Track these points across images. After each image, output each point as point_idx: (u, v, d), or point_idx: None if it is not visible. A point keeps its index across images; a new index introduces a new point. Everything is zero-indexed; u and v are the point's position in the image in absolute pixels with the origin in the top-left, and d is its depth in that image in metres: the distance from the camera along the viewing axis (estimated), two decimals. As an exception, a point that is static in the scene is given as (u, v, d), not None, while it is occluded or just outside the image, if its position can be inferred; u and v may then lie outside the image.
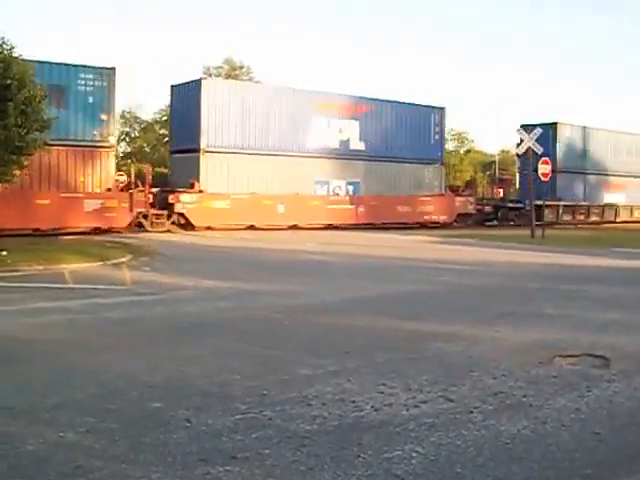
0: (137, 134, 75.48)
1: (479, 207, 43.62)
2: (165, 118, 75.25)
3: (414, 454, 5.01)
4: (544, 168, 31.92)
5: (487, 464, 4.90)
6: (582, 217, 48.33)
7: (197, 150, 33.20)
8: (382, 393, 6.48)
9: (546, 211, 41.23)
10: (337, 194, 37.93)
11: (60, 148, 27.32)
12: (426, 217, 40.22)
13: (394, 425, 5.61)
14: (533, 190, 32.60)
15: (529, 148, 32.38)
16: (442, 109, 42.23)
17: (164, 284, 13.99)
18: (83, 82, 28.80)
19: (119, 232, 27.98)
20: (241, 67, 70.05)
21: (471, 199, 43.02)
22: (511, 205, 46.06)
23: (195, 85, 34.27)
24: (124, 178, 35.64)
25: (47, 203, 27.31)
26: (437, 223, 40.08)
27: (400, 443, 5.21)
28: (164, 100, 62.48)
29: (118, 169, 45.79)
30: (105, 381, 6.87)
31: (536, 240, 29.51)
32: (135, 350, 8.37)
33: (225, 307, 11.58)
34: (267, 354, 8.22)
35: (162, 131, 75.30)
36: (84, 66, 29.02)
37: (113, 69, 29.64)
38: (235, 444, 5.14)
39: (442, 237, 30.73)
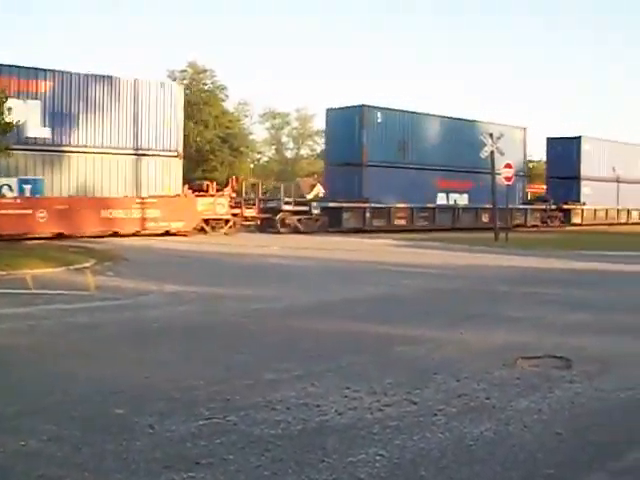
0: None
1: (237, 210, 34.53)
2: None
3: (378, 457, 5.02)
4: (507, 172, 32.17)
5: (450, 466, 4.94)
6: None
7: None
8: (346, 397, 6.50)
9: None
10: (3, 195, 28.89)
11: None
12: (150, 224, 30.49)
13: (358, 429, 5.62)
14: (495, 193, 32.77)
15: (492, 152, 32.68)
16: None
17: (128, 289, 13.90)
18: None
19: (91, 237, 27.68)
20: (205, 71, 69.91)
21: (224, 200, 33.86)
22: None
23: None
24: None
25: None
26: (170, 233, 30.98)
27: (364, 446, 5.22)
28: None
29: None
30: (68, 388, 6.82)
31: (500, 243, 29.73)
32: (99, 356, 8.30)
33: (190, 312, 11.54)
34: (232, 359, 8.19)
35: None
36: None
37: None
38: (199, 450, 5.13)
39: (407, 240, 30.84)
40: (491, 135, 33.43)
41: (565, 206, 51.54)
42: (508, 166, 32.46)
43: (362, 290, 14.61)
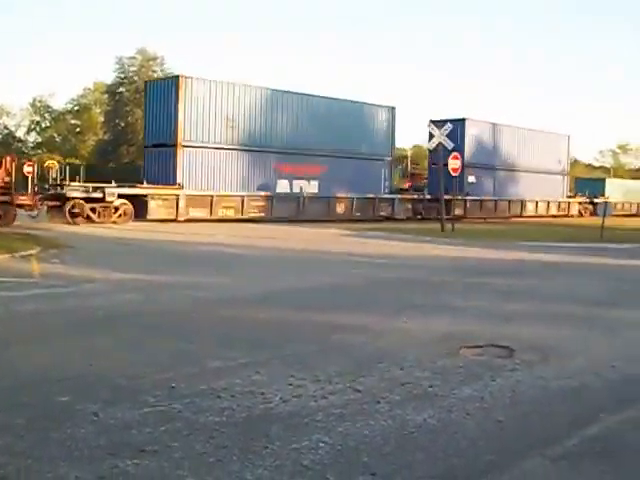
0: (48, 124, 74.11)
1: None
2: (77, 108, 74.34)
3: (321, 444, 5.08)
4: (454, 163, 32.40)
5: (393, 453, 5.01)
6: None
7: None
8: (291, 385, 6.54)
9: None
10: None
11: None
12: None
13: (302, 416, 5.67)
14: (442, 184, 32.99)
15: (440, 143, 32.91)
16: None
17: (73, 277, 13.77)
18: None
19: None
20: (155, 58, 69.38)
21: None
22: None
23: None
24: (32, 169, 34.79)
25: None
26: None
27: (308, 434, 5.28)
28: (77, 90, 61.43)
29: (28, 159, 44.55)
30: (12, 375, 6.77)
31: (446, 234, 29.99)
32: (43, 343, 8.24)
33: (135, 300, 11.48)
34: (177, 347, 8.18)
35: (74, 121, 74.22)
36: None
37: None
38: (144, 437, 5.13)
39: (354, 230, 30.95)
40: (439, 127, 33.60)
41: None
42: (455, 157, 32.62)
43: (308, 279, 14.67)
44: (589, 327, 10.15)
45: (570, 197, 59.23)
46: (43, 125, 74.21)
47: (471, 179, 46.31)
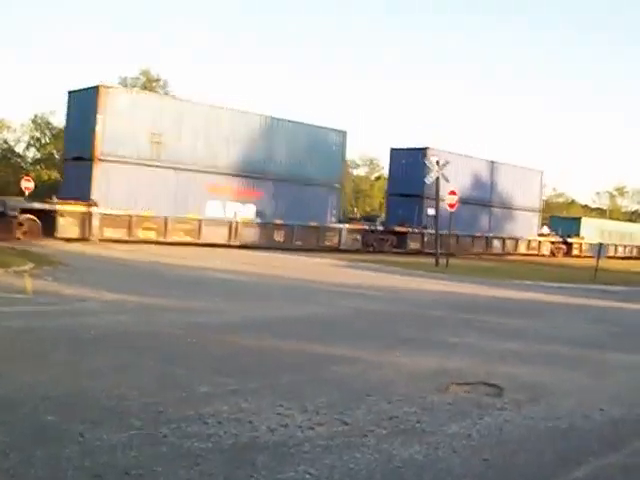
0: (47, 140, 74.16)
1: None
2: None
3: (307, 476, 5.06)
4: (451, 199, 32.48)
5: (378, 487, 4.99)
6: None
7: None
8: (279, 414, 6.52)
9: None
10: None
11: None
12: None
13: (289, 446, 5.65)
14: (437, 219, 33.08)
15: (438, 178, 33.06)
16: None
17: (66, 295, 13.75)
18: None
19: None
20: (158, 79, 69.61)
21: None
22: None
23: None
24: (31, 184, 34.77)
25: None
26: None
27: (294, 464, 5.26)
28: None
29: (26, 174, 44.47)
30: (-1, 392, 6.75)
31: (440, 269, 30.00)
32: (33, 361, 8.21)
33: (128, 321, 11.45)
34: (167, 371, 8.16)
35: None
36: None
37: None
38: (129, 460, 5.11)
39: (349, 261, 30.95)
40: (437, 162, 33.74)
41: (398, 228, 43.97)
42: (452, 193, 32.66)
43: (302, 309, 14.66)
44: (579, 368, 10.16)
45: (542, 235, 57.55)
46: (43, 141, 74.21)
47: (431, 212, 42.13)
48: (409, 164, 45.29)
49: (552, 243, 57.60)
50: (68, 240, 29.63)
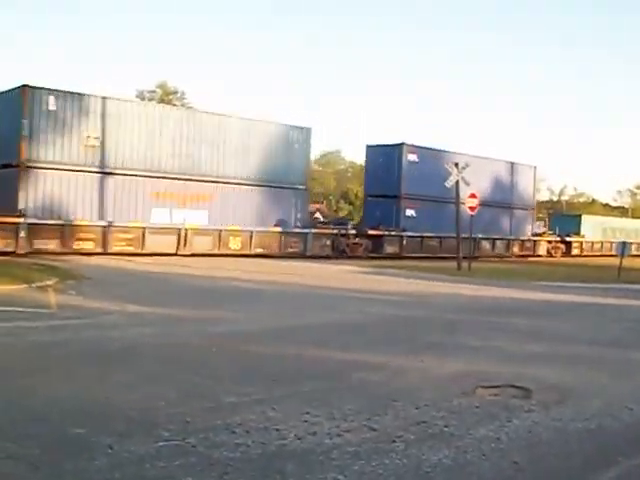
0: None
1: None
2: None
3: (336, 483, 5.05)
4: (471, 202, 32.31)
5: (408, 493, 4.97)
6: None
7: None
8: (306, 422, 6.51)
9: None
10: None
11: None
12: None
13: (317, 454, 5.64)
14: (458, 223, 32.92)
15: (457, 181, 32.90)
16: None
17: (90, 308, 13.81)
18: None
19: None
20: (175, 92, 69.95)
21: None
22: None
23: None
24: None
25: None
26: None
27: (323, 471, 5.25)
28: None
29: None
30: (28, 406, 6.77)
31: (463, 272, 29.88)
32: (59, 375, 8.25)
33: (152, 333, 11.49)
34: (193, 381, 8.17)
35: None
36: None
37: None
38: (158, 471, 5.12)
39: (372, 267, 30.87)
40: (456, 164, 33.57)
41: (371, 231, 40.21)
42: (472, 196, 32.51)
43: (326, 316, 14.64)
44: (605, 368, 10.08)
45: (537, 235, 54.59)
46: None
47: (409, 212, 42.13)
48: (385, 162, 42.22)
49: (549, 242, 54.21)
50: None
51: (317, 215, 62.14)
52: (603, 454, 6.19)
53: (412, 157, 42.69)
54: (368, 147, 45.78)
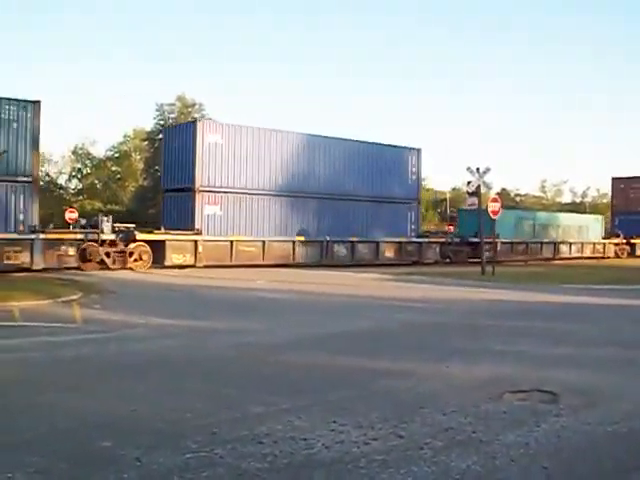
0: (89, 170, 75.08)
1: None
2: (117, 155, 75.42)
3: (365, 491, 5.03)
4: (494, 206, 32.20)
5: (437, 500, 4.94)
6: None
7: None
8: (333, 430, 6.49)
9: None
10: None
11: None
12: None
13: (345, 462, 5.62)
14: (483, 227, 32.87)
15: (479, 186, 32.83)
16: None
17: (115, 322, 13.87)
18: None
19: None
20: (194, 105, 70.13)
21: None
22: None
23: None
24: (75, 215, 35.12)
25: None
26: None
27: (351, 480, 5.23)
28: (117, 137, 62.35)
29: (70, 206, 45.06)
30: (55, 420, 6.80)
31: (487, 277, 29.75)
32: (86, 389, 8.28)
33: (177, 345, 11.52)
34: (219, 392, 8.18)
35: (114, 168, 75.27)
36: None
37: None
38: (186, 483, 5.12)
39: (395, 275, 30.82)
40: (478, 169, 33.47)
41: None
42: (495, 200, 32.43)
43: (350, 324, 14.62)
44: (632, 371, 9.98)
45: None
46: (84, 172, 75.17)
47: (210, 210, 34.79)
48: (180, 147, 36.15)
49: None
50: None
51: None
52: (634, 458, 6.12)
53: (213, 138, 35.32)
54: (165, 130, 43.35)
